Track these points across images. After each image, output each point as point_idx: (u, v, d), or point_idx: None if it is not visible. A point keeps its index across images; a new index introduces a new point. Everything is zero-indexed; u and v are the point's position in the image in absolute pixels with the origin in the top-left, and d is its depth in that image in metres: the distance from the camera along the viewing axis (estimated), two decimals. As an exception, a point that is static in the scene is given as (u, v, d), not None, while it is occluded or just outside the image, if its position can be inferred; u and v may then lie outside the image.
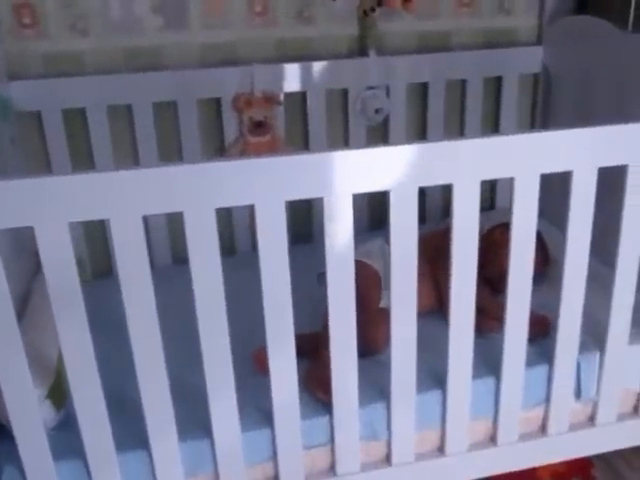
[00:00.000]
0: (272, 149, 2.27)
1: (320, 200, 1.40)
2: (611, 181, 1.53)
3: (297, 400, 1.58)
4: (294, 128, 2.36)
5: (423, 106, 2.44)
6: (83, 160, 2.20)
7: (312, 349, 1.74)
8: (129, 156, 2.26)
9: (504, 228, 2.06)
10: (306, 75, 2.27)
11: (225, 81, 2.22)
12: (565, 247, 1.60)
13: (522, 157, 1.47)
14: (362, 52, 2.32)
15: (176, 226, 1.36)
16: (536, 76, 2.49)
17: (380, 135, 2.43)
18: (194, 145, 2.27)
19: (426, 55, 2.36)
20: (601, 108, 2.15)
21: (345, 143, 2.41)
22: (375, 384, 1.69)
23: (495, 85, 2.47)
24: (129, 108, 2.20)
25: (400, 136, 2.41)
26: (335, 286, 1.49)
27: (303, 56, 2.29)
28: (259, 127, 2.23)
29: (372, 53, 2.29)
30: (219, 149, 2.32)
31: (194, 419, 1.59)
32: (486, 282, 1.91)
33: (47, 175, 1.27)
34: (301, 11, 2.26)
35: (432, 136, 2.44)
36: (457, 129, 2.50)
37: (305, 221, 2.40)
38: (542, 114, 2.51)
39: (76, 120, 2.18)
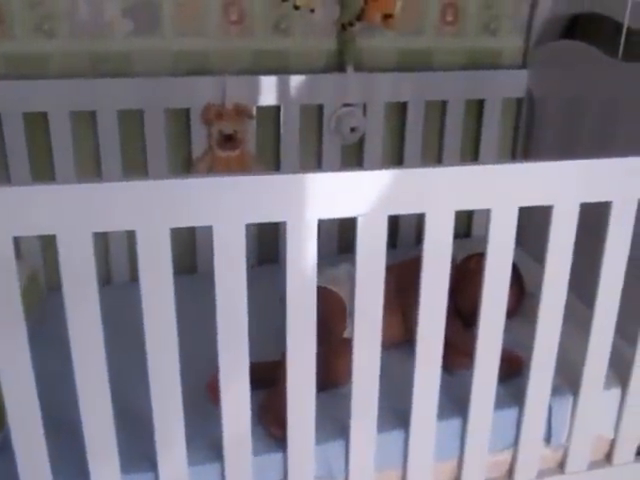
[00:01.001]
0: (241, 165, 2.18)
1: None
2: (592, 215, 1.46)
3: (249, 434, 1.48)
4: (266, 144, 2.27)
5: (401, 126, 2.35)
6: (44, 166, 2.10)
7: (270, 379, 1.64)
8: (91, 165, 2.15)
9: (479, 258, 1.97)
10: (281, 89, 2.18)
11: (196, 91, 2.12)
12: (542, 283, 1.52)
13: (500, 188, 1.39)
14: (340, 67, 2.23)
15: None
16: (519, 101, 2.41)
17: (355, 155, 2.34)
18: (160, 157, 2.17)
19: (406, 73, 2.27)
20: (586, 138, 2.07)
21: (318, 162, 2.31)
22: (334, 420, 1.59)
23: (477, 108, 2.39)
24: (93, 115, 2.10)
25: (375, 157, 2.32)
26: (294, 314, 1.39)
27: (279, 69, 2.20)
28: (228, 141, 2.14)
29: (350, 69, 2.19)
30: (186, 162, 2.22)
31: (139, 449, 1.49)
32: (458, 315, 1.83)
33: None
34: (278, 22, 2.17)
35: (409, 158, 2.36)
36: (435, 152, 2.41)
37: (272, 240, 2.31)
38: (524, 141, 2.43)
39: (38, 124, 2.07)
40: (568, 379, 1.70)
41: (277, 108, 2.21)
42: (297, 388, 1.46)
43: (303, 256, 1.34)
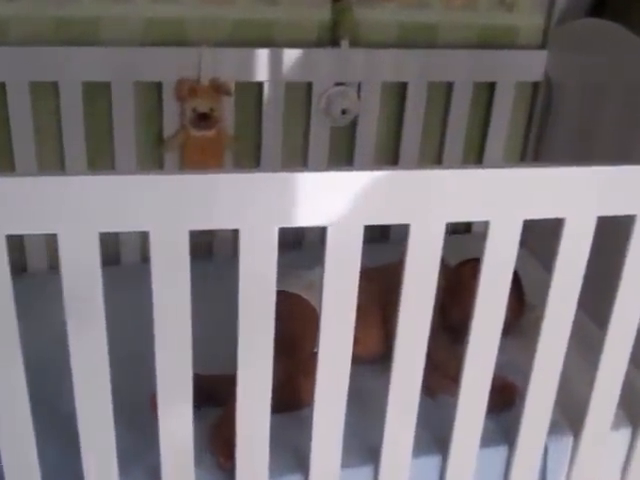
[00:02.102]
0: (217, 146, 1.96)
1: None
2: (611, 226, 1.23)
3: (191, 462, 1.28)
4: (246, 124, 2.03)
5: (399, 110, 2.11)
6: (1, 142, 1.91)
7: (225, 395, 1.42)
8: (52, 141, 1.95)
9: (476, 264, 1.76)
10: (264, 63, 1.94)
11: (168, 63, 1.90)
12: (547, 302, 1.29)
13: (501, 197, 1.17)
14: (333, 42, 1.99)
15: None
16: (536, 85, 2.15)
17: (346, 139, 2.11)
18: (128, 134, 1.96)
19: (408, 50, 2.02)
20: (608, 130, 1.82)
21: (304, 145, 2.09)
22: (295, 450, 1.38)
23: (487, 92, 2.14)
24: (55, 86, 1.88)
25: (368, 143, 2.10)
26: (248, 324, 1.18)
27: (263, 41, 1.97)
28: (203, 120, 1.91)
29: (344, 43, 1.95)
30: (157, 141, 2.00)
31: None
32: (446, 329, 1.61)
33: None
34: (264, -12, 1.94)
35: (406, 146, 2.13)
36: (436, 141, 2.18)
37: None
38: (538, 131, 2.18)
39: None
40: (569, 414, 1.49)
41: (259, 85, 1.98)
42: (248, 411, 1.26)
43: (258, 265, 1.14)
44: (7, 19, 1.84)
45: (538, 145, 2.17)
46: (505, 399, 1.49)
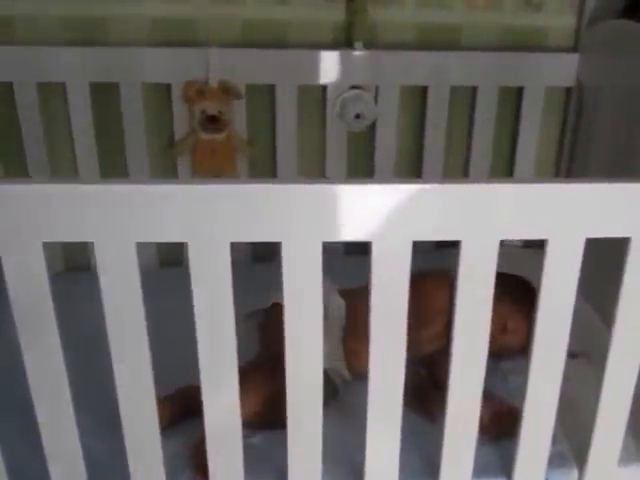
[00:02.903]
0: (228, 149, 1.90)
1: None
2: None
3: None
4: (259, 127, 1.96)
5: (421, 116, 2.00)
6: (9, 145, 1.89)
7: None
8: (63, 142, 1.92)
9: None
10: (276, 65, 1.87)
11: (177, 65, 1.85)
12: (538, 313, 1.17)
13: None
14: (348, 43, 1.90)
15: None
16: (568, 91, 2.01)
17: (365, 145, 2.01)
18: (138, 137, 1.91)
19: (428, 52, 1.91)
20: None
21: (321, 151, 2.00)
22: (277, 468, 1.29)
23: (514, 98, 2.00)
24: (63, 87, 1.85)
25: (388, 150, 1.99)
26: (204, 337, 1.11)
27: (274, 42, 1.90)
28: (212, 122, 1.85)
29: (358, 45, 1.86)
30: (168, 144, 1.95)
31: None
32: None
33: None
34: (275, -13, 1.87)
35: (429, 154, 2.01)
36: (462, 149, 2.05)
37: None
38: (571, 139, 2.03)
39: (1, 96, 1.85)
40: (576, 444, 1.35)
41: (272, 87, 1.91)
42: (217, 428, 1.19)
43: (213, 280, 1.07)
44: (12, 18, 1.82)
45: (572, 154, 2.03)
46: (503, 425, 1.36)
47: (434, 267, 1.50)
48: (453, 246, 1.09)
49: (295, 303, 1.09)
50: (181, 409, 1.37)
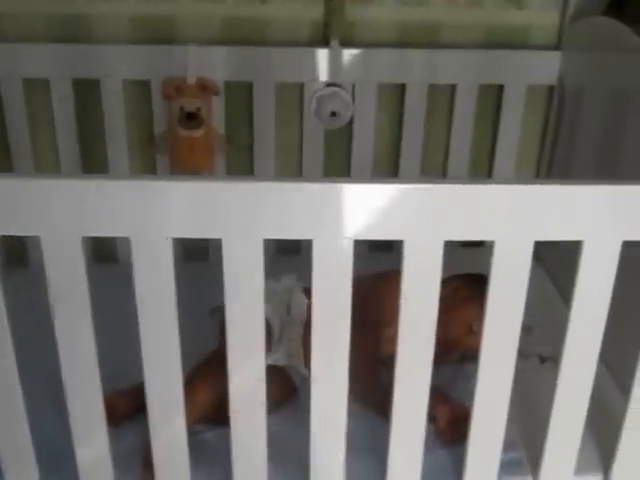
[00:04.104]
0: (206, 146, 1.90)
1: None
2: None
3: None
4: (237, 124, 1.97)
5: (398, 114, 1.99)
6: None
7: None
8: (47, 137, 1.96)
9: (460, 282, 1.63)
10: (254, 63, 1.88)
11: (157, 61, 1.86)
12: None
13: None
14: (326, 41, 1.90)
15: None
16: (550, 89, 1.98)
17: (342, 143, 2.01)
18: (119, 133, 1.94)
19: (406, 50, 1.90)
20: (632, 139, 1.61)
21: (299, 149, 2.01)
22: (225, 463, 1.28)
23: (494, 96, 1.98)
24: (45, 83, 1.89)
25: (366, 149, 1.99)
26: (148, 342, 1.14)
27: (253, 40, 1.91)
28: (191, 119, 1.86)
29: (335, 43, 1.86)
30: (148, 139, 1.97)
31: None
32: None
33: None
34: (254, -15, 1.88)
35: (407, 153, 2.00)
36: (440, 148, 2.04)
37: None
38: (552, 139, 2.00)
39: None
40: (533, 451, 1.33)
41: (250, 85, 1.92)
42: (161, 428, 1.21)
43: (151, 275, 1.09)
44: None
45: (553, 154, 2.00)
46: (462, 428, 1.31)
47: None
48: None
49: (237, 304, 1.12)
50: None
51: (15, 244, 1.91)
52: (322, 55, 1.89)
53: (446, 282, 1.16)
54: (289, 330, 1.53)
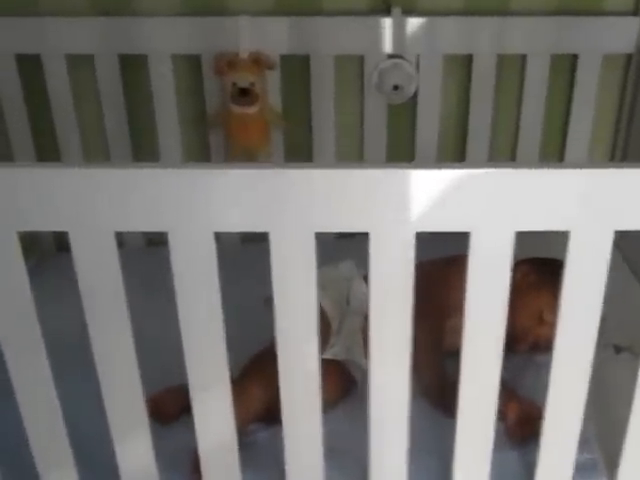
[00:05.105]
0: (261, 123, 1.80)
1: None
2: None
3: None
4: (294, 99, 1.87)
5: (465, 87, 1.87)
6: (42, 116, 1.85)
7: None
8: (92, 117, 1.87)
9: (529, 268, 1.52)
10: (310, 34, 1.77)
11: (206, 35, 1.77)
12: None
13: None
14: (386, 9, 1.77)
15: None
16: (628, 58, 1.85)
17: (406, 119, 1.89)
18: (169, 110, 1.85)
19: (472, 18, 1.77)
20: None
21: (360, 125, 1.89)
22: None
23: (568, 66, 1.85)
24: (90, 59, 1.80)
25: (431, 124, 1.87)
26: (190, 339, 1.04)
27: (308, 10, 1.79)
28: (244, 95, 1.75)
29: (396, 11, 1.74)
30: (200, 118, 1.88)
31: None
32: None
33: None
34: (308, -51, 1.76)
35: (474, 129, 1.89)
36: (511, 124, 1.91)
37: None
38: (630, 111, 1.87)
39: (30, 68, 1.80)
40: (609, 450, 1.23)
41: (306, 58, 1.81)
42: (208, 423, 1.12)
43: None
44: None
45: (629, 131, 1.87)
46: (533, 427, 1.21)
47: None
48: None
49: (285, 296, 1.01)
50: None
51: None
52: (384, 25, 1.77)
53: (514, 267, 1.06)
54: (349, 321, 1.42)
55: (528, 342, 1.47)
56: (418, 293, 1.02)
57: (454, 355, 1.22)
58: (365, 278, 1.45)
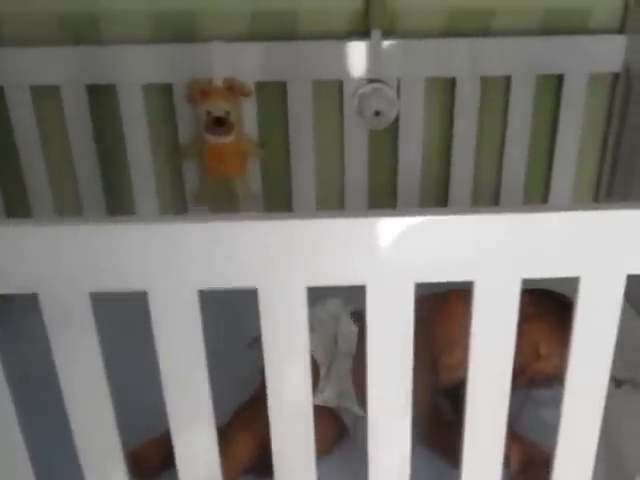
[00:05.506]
0: (237, 154, 1.74)
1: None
2: None
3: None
4: (271, 128, 1.80)
5: (448, 111, 1.81)
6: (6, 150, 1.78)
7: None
8: (59, 149, 1.80)
9: (529, 299, 1.46)
10: (286, 59, 1.71)
11: (178, 62, 1.69)
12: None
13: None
14: (365, 33, 1.71)
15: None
16: (615, 77, 1.80)
17: (388, 145, 1.83)
18: (141, 142, 1.78)
19: (456, 40, 1.72)
20: None
21: (340, 153, 1.83)
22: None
23: (553, 87, 1.80)
24: (56, 90, 1.73)
25: (414, 150, 1.81)
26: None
27: (284, 34, 1.73)
28: (219, 125, 1.69)
29: (376, 34, 1.68)
30: (173, 149, 1.81)
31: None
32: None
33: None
34: (284, -26, 1.70)
35: (459, 153, 1.83)
36: (495, 147, 1.86)
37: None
38: (618, 130, 1.82)
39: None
40: None
41: (283, 84, 1.75)
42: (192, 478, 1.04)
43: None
44: (2, 17, 1.70)
45: (617, 150, 1.81)
46: (538, 473, 1.16)
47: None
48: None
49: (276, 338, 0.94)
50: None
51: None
52: (362, 48, 1.71)
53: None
54: (337, 364, 1.35)
55: (525, 378, 1.41)
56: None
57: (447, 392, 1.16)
58: (352, 315, 1.39)
